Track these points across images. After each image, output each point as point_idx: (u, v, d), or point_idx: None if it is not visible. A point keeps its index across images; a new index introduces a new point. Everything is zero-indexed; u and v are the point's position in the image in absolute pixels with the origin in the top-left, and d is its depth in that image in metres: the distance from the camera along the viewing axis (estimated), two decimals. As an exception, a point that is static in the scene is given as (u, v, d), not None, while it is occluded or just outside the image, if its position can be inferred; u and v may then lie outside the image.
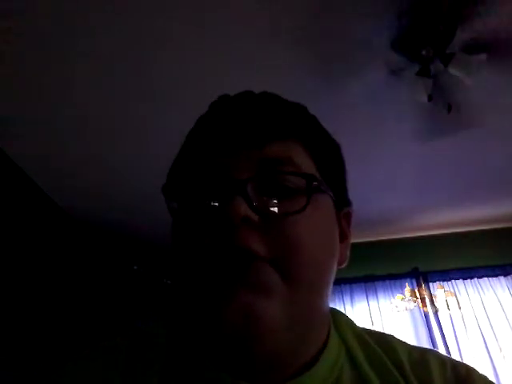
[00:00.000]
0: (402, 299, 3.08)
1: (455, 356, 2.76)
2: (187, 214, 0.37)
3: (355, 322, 0.46)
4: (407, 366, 0.39)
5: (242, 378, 0.35)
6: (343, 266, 0.42)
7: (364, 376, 0.38)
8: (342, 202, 0.43)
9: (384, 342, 0.42)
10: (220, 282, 0.32)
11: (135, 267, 2.82)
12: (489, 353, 2.76)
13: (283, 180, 0.35)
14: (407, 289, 3.12)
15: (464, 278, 3.11)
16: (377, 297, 3.08)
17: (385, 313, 3.00)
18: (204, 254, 0.33)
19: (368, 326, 0.48)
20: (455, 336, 2.87)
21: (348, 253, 0.43)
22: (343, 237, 0.43)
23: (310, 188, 0.35)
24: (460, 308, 3.00)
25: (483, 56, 1.54)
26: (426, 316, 2.97)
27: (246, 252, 0.32)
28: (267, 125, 0.37)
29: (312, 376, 0.36)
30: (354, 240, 0.46)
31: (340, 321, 0.44)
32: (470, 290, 3.06)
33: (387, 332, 0.46)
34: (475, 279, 3.10)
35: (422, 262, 3.18)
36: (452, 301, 3.04)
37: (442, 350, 2.77)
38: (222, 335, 0.32)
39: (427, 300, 3.05)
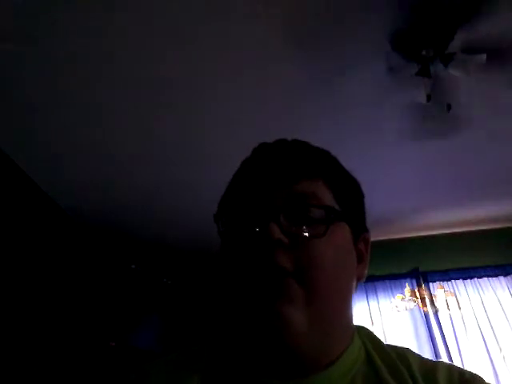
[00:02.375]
0: (402, 299, 3.08)
1: (455, 356, 2.76)
2: (234, 238, 0.46)
3: (377, 335, 0.53)
4: (417, 373, 0.45)
5: (276, 378, 0.43)
6: (361, 281, 0.51)
7: (381, 378, 0.44)
8: (360, 229, 0.51)
9: (400, 353, 0.48)
10: (261, 295, 0.41)
11: (133, 266, 2.82)
12: (489, 353, 2.75)
13: (308, 211, 0.45)
14: (407, 289, 3.12)
15: (464, 278, 3.11)
16: (377, 297, 3.08)
17: (385, 313, 3.00)
18: (246, 269, 0.42)
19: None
20: (455, 336, 2.87)
21: (366, 272, 0.52)
22: (361, 258, 0.51)
23: (329, 218, 0.44)
24: (460, 308, 2.99)
25: (483, 56, 1.54)
26: (426, 316, 2.97)
27: (279, 268, 0.41)
28: (296, 167, 0.48)
29: (330, 372, 0.43)
30: None
31: (363, 332, 0.52)
32: (470, 290, 3.06)
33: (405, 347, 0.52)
34: (475, 279, 3.10)
35: (422, 262, 3.18)
36: (452, 301, 3.04)
37: (441, 350, 2.77)
38: (263, 335, 0.41)
39: (427, 300, 3.05)
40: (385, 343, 0.51)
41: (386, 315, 2.99)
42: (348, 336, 0.48)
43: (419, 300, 3.05)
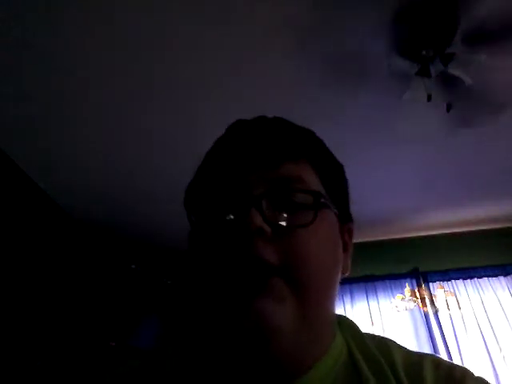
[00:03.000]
0: (402, 299, 3.08)
1: (455, 356, 2.76)
2: (206, 227, 0.40)
3: (359, 326, 0.49)
4: (400, 366, 0.41)
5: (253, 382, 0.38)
6: (346, 274, 0.46)
7: (361, 374, 0.40)
8: (345, 217, 0.48)
9: (383, 345, 0.45)
10: (238, 290, 0.36)
11: (133, 266, 2.82)
12: (489, 353, 2.75)
13: (293, 196, 0.39)
14: (407, 289, 3.12)
15: (464, 278, 3.11)
16: (377, 297, 3.08)
17: (385, 313, 3.00)
18: (222, 262, 0.37)
19: (368, 326, 0.50)
20: (455, 336, 2.87)
21: (349, 263, 0.48)
22: (345, 248, 0.47)
23: (317, 204, 0.39)
24: (460, 308, 2.99)
25: (483, 56, 1.54)
26: (426, 316, 2.97)
27: (261, 262, 0.35)
28: (281, 148, 0.42)
29: (314, 374, 0.39)
30: (354, 240, 0.49)
31: (344, 325, 0.48)
32: (470, 290, 3.06)
33: (389, 337, 0.48)
34: (475, 279, 3.10)
35: (422, 262, 3.17)
36: (452, 301, 3.04)
37: (441, 350, 2.77)
38: (240, 341, 0.36)
39: (427, 300, 3.05)
40: (367, 334, 0.47)
41: (386, 315, 2.99)
42: (331, 332, 0.44)
43: (419, 300, 3.05)
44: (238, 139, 0.44)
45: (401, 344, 0.47)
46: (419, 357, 0.44)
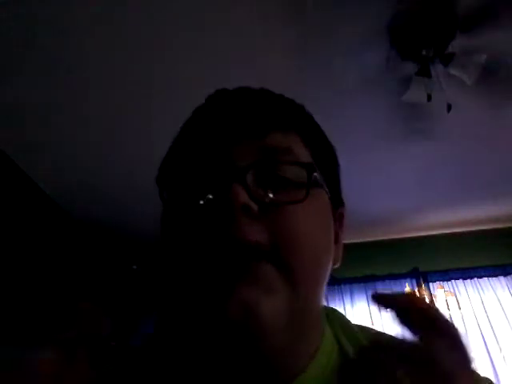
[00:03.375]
0: (402, 299, 3.07)
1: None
2: (181, 205, 0.35)
3: (347, 317, 0.46)
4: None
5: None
6: (336, 266, 0.41)
7: None
8: (337, 201, 0.42)
9: (369, 337, 0.42)
10: (219, 278, 0.30)
11: (134, 267, 2.82)
12: (489, 353, 2.75)
13: (283, 170, 0.34)
14: (407, 289, 3.12)
15: (464, 278, 3.11)
16: (377, 297, 3.07)
17: (385, 313, 2.99)
18: (200, 246, 0.31)
19: (369, 326, 0.48)
20: (455, 336, 2.86)
21: (341, 253, 0.42)
22: (336, 237, 0.42)
23: (310, 178, 0.34)
24: (460, 308, 2.99)
25: (483, 56, 1.54)
26: (426, 316, 2.96)
27: (245, 245, 0.30)
28: (269, 115, 0.37)
29: (308, 374, 0.35)
30: (353, 240, 0.46)
31: (333, 318, 0.44)
32: (470, 290, 3.06)
33: (382, 330, 0.45)
34: (475, 279, 3.10)
35: (422, 262, 3.17)
36: (452, 301, 3.04)
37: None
38: (222, 333, 0.31)
39: (427, 300, 3.05)
40: (358, 326, 0.44)
41: (386, 315, 2.99)
42: (322, 326, 0.40)
43: (419, 300, 3.04)
44: (219, 107, 0.39)
45: (392, 335, 0.45)
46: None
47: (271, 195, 0.33)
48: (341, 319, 0.44)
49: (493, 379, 0.41)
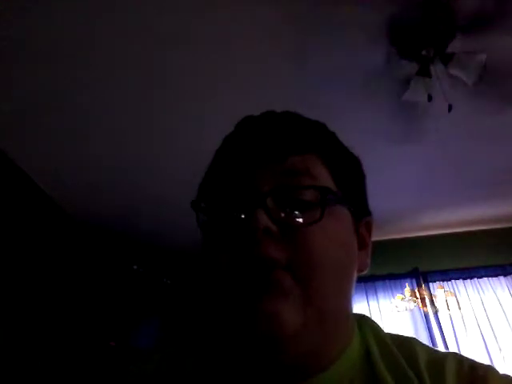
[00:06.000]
0: (402, 299, 3.08)
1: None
2: (216, 228, 0.40)
3: (381, 326, 0.48)
4: (423, 364, 0.40)
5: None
6: (364, 272, 0.45)
7: (379, 376, 0.39)
8: (362, 212, 0.46)
9: (405, 345, 0.44)
10: (244, 292, 0.35)
11: (135, 267, 2.82)
12: (489, 353, 2.75)
13: (300, 193, 0.38)
14: (407, 289, 3.12)
15: (464, 278, 3.11)
16: (377, 297, 3.08)
17: (385, 313, 3.00)
18: (229, 264, 0.37)
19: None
20: (455, 336, 2.87)
21: (368, 260, 0.46)
22: (363, 245, 0.46)
23: (325, 200, 0.38)
24: (460, 308, 2.99)
25: (483, 56, 1.54)
26: (426, 316, 2.97)
27: (266, 261, 0.35)
28: (287, 141, 0.41)
29: (330, 374, 0.39)
30: None
31: (364, 325, 0.47)
32: (470, 290, 3.06)
33: (412, 337, 0.47)
34: (475, 279, 3.10)
35: (422, 262, 3.18)
36: (452, 301, 3.04)
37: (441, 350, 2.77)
38: (250, 341, 0.36)
39: (427, 300, 3.05)
40: (390, 334, 0.46)
41: (386, 315, 2.99)
42: (348, 332, 0.43)
43: (419, 300, 3.05)
44: (246, 135, 0.44)
45: (424, 343, 0.46)
46: (442, 354, 0.43)
47: (291, 216, 0.37)
48: (372, 327, 0.47)
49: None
